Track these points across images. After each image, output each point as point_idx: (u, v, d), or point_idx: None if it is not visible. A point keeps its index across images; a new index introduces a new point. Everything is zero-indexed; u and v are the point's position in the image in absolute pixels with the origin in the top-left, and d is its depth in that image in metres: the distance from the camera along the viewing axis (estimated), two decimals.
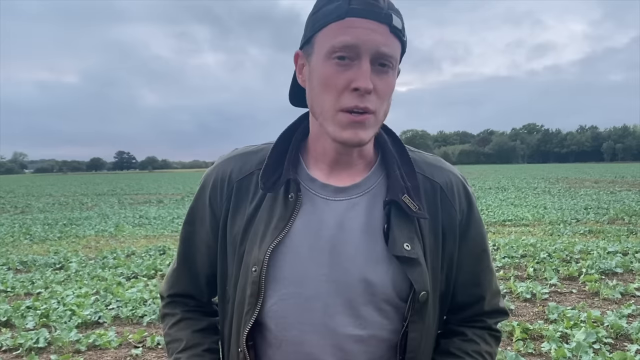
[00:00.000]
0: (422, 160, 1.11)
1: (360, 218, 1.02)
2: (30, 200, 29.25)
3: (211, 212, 1.12)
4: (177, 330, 1.16)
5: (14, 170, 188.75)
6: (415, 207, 1.01)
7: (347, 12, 0.93)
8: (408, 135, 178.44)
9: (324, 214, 1.02)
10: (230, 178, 1.10)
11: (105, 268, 8.51)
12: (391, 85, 0.98)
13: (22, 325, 5.41)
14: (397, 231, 1.00)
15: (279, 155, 1.07)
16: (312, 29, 0.99)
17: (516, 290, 6.16)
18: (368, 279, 0.99)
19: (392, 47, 0.95)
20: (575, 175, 42.37)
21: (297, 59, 1.06)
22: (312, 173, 1.07)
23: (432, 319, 1.06)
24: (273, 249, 1.00)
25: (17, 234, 13.78)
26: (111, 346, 4.79)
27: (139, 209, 21.25)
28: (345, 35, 0.92)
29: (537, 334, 4.80)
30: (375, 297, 0.99)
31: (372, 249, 1.00)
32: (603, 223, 12.90)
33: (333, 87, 0.95)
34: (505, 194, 24.24)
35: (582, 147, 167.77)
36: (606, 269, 7.18)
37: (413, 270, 0.99)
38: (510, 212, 15.47)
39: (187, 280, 1.18)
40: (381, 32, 0.93)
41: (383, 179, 1.06)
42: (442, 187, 1.08)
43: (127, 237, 12.77)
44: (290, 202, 1.02)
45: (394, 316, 1.01)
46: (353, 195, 1.04)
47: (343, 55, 0.93)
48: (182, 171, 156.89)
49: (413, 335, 1.01)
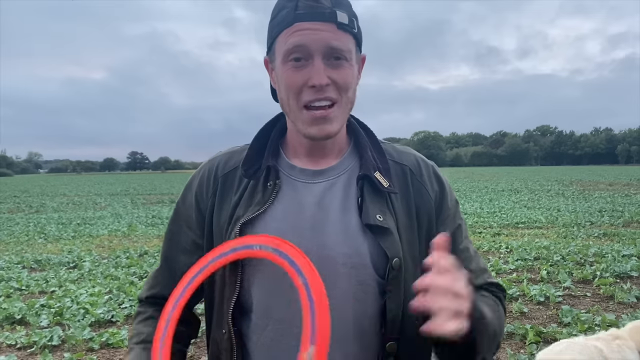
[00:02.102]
0: (391, 149, 1.20)
1: (338, 196, 1.10)
2: (45, 200, 29.56)
3: (197, 209, 1.17)
4: (143, 325, 1.18)
5: (28, 170, 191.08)
6: (386, 183, 1.09)
7: (295, 17, 1.01)
8: (420, 137, 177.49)
9: (303, 197, 1.10)
10: (216, 174, 1.17)
11: (118, 267, 8.57)
12: (349, 75, 1.05)
13: (37, 323, 5.47)
14: (369, 204, 1.07)
15: (260, 147, 1.16)
16: (270, 37, 1.08)
17: (529, 293, 6.11)
18: (347, 252, 1.04)
19: (342, 42, 1.02)
20: (590, 178, 41.91)
21: (266, 64, 1.14)
22: (291, 161, 1.15)
23: (413, 293, 1.06)
24: (248, 227, 1.05)
25: (31, 233, 13.93)
26: (124, 345, 4.82)
27: (151, 209, 21.39)
28: (294, 39, 1.01)
29: (550, 337, 4.75)
30: (356, 271, 1.04)
31: (348, 223, 1.06)
32: (618, 226, 12.74)
33: (293, 86, 1.03)
34: (518, 196, 24.04)
35: (597, 149, 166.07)
36: (621, 272, 7.09)
37: (385, 239, 1.04)
38: (523, 215, 15.34)
39: (167, 281, 1.18)
40: (328, 30, 1.01)
41: (357, 161, 1.15)
42: (411, 169, 1.16)
43: (139, 236, 12.84)
44: (268, 189, 1.10)
45: (375, 291, 1.05)
46: (330, 176, 1.12)
47: (297, 56, 1.02)
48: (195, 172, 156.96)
49: (391, 306, 1.04)
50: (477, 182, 39.65)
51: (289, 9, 1.02)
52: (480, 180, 41.87)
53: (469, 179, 46.20)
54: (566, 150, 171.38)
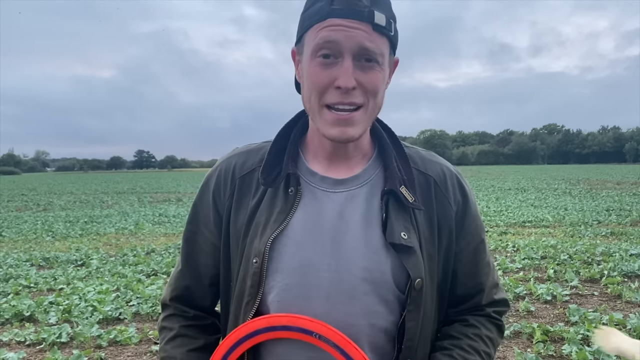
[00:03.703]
0: (416, 155, 1.15)
1: (360, 209, 1.06)
2: (52, 198, 29.73)
3: (215, 209, 1.14)
4: (173, 347, 1.15)
5: (36, 169, 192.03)
6: (411, 199, 1.05)
7: (329, 13, 0.96)
8: (426, 135, 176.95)
9: (324, 206, 1.06)
10: (234, 174, 1.13)
11: (125, 265, 8.62)
12: (378, 79, 1.00)
13: (45, 320, 5.51)
14: (394, 221, 1.03)
15: (279, 151, 1.11)
16: (301, 28, 1.03)
17: (536, 292, 6.09)
18: (368, 267, 1.01)
19: (376, 44, 0.97)
20: (597, 177, 41.67)
21: (294, 55, 1.10)
22: (311, 167, 1.10)
23: (429, 308, 1.08)
24: (273, 240, 1.02)
25: (39, 231, 14.03)
26: (132, 342, 4.86)
27: (158, 207, 21.46)
28: (326, 35, 0.96)
29: (557, 337, 4.74)
30: (375, 286, 1.01)
31: (371, 238, 1.03)
32: (625, 225, 12.67)
33: (318, 84, 0.99)
34: (525, 194, 23.96)
35: (604, 147, 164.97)
36: (629, 271, 7.06)
37: (408, 258, 1.02)
38: (530, 213, 15.29)
39: (189, 282, 1.18)
40: (363, 30, 0.96)
41: (380, 170, 1.10)
42: (435, 180, 1.12)
43: (146, 234, 12.90)
44: (290, 196, 1.06)
45: (394, 306, 1.03)
46: (352, 186, 1.08)
47: (327, 53, 0.97)
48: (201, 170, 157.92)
49: (410, 324, 1.03)
50: (483, 180, 39.54)
51: (324, 2, 0.98)
52: (486, 179, 41.73)
53: (476, 177, 46.05)
54: (573, 149, 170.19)
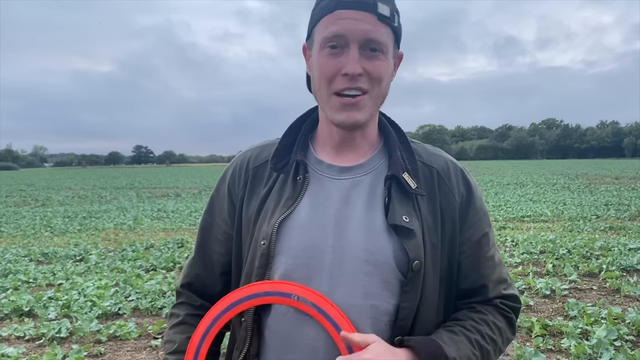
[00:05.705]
0: (421, 149, 1.20)
1: (364, 194, 1.10)
2: (51, 194, 29.70)
3: (229, 199, 1.21)
4: (175, 332, 1.22)
5: (34, 164, 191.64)
6: (414, 185, 1.10)
7: (337, 5, 1.03)
8: (425, 130, 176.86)
9: (330, 192, 1.11)
10: (248, 166, 1.20)
11: (124, 260, 8.62)
12: (383, 68, 1.06)
13: (45, 315, 5.52)
14: (397, 204, 1.07)
15: (289, 142, 1.18)
16: (311, 23, 1.10)
17: (535, 287, 6.11)
18: (370, 249, 1.05)
19: (380, 33, 1.03)
20: (596, 172, 41.73)
21: (305, 51, 1.16)
22: (319, 156, 1.17)
23: (431, 296, 1.09)
24: (280, 223, 1.08)
25: (38, 226, 14.02)
26: (131, 337, 4.86)
27: (157, 203, 21.46)
28: (334, 26, 1.03)
29: (556, 331, 4.75)
30: (377, 268, 1.05)
31: (374, 221, 1.07)
32: (624, 220, 12.70)
33: (327, 73, 1.05)
34: (524, 189, 23.99)
35: (603, 142, 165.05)
36: (627, 265, 7.08)
37: (409, 240, 1.05)
38: (528, 208, 15.32)
39: (201, 269, 1.25)
40: (368, 21, 1.02)
41: (386, 160, 1.15)
42: (439, 171, 1.15)
43: (145, 230, 12.90)
44: (298, 183, 1.12)
45: (395, 289, 1.06)
46: (357, 174, 1.13)
47: (334, 44, 1.04)
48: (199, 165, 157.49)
49: (405, 304, 1.05)
50: (482, 175, 39.55)
51: None
52: (485, 174, 41.75)
53: (474, 172, 46.06)
54: (572, 144, 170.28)
